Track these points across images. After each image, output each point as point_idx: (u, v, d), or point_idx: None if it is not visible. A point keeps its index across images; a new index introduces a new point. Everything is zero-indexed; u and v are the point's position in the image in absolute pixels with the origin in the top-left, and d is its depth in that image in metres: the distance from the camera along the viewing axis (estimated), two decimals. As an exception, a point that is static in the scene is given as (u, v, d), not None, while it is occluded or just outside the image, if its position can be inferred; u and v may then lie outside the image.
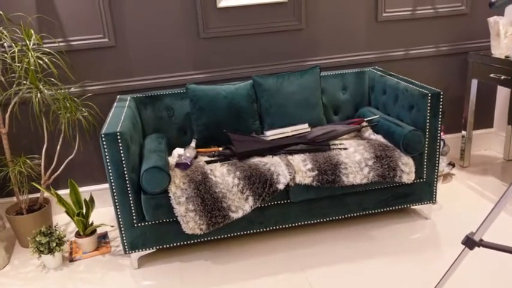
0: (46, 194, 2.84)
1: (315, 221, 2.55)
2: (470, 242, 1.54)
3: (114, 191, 2.27)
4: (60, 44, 2.77)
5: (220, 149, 2.65)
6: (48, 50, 2.70)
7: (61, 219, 3.02)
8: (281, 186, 2.35)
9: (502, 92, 3.49)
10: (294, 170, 2.38)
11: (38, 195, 2.91)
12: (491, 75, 2.96)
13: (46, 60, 2.53)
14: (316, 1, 3.01)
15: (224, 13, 2.91)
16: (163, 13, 2.85)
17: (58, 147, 2.74)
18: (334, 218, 2.56)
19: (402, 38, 3.22)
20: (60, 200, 2.55)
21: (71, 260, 2.55)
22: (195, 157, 2.58)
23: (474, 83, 3.19)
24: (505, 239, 2.46)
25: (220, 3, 2.87)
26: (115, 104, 2.69)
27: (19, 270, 2.51)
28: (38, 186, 2.62)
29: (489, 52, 3.07)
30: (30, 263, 2.57)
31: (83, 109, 2.83)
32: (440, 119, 2.50)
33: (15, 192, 2.68)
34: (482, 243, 1.53)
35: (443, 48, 3.30)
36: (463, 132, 3.33)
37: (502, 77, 2.86)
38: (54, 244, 2.43)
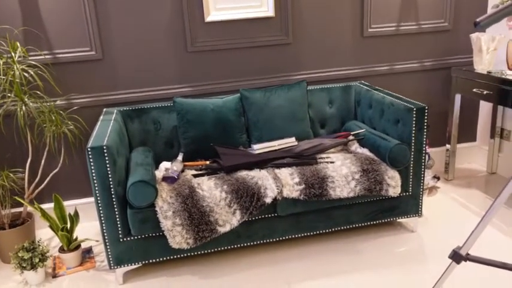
0: (29, 209, 2.79)
1: (302, 235, 2.55)
2: (457, 256, 1.55)
3: (99, 204, 2.24)
4: (46, 56, 2.75)
5: (208, 162, 2.64)
6: (34, 62, 2.67)
7: (44, 234, 2.96)
8: (268, 200, 2.35)
9: (484, 107, 3.56)
10: (281, 183, 2.38)
11: (21, 209, 2.85)
12: (474, 90, 3.02)
13: (32, 72, 2.51)
14: (303, 16, 3.05)
15: (212, 27, 2.93)
16: (151, 27, 2.85)
17: (43, 160, 2.70)
18: (321, 231, 2.57)
19: (387, 53, 3.28)
20: (44, 214, 2.50)
21: (54, 276, 2.50)
22: (182, 171, 2.57)
23: (458, 97, 3.25)
24: (491, 253, 2.48)
25: (208, 17, 2.89)
26: (101, 117, 2.67)
27: (0, 286, 2.44)
28: (21, 201, 2.57)
29: (472, 67, 3.14)
30: (12, 279, 2.51)
31: (69, 122, 2.80)
32: (425, 133, 2.54)
33: (-3, 207, 2.63)
34: (469, 258, 1.54)
35: (427, 64, 3.36)
36: (447, 146, 3.38)
37: (485, 92, 2.92)
38: (37, 260, 2.38)
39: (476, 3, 3.32)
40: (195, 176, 2.49)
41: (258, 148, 2.68)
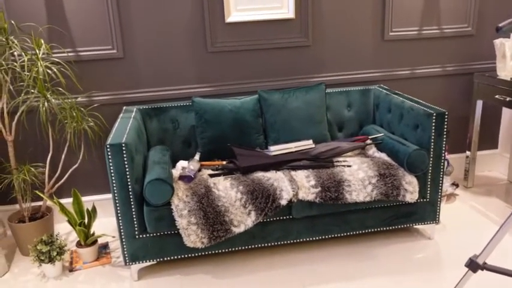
0: (49, 203, 2.84)
1: (317, 238, 2.54)
2: (473, 265, 1.53)
3: (116, 201, 2.27)
4: (69, 54, 2.81)
5: (224, 162, 2.65)
6: (57, 59, 2.73)
7: (62, 228, 3.02)
8: (284, 202, 2.35)
9: (507, 114, 3.49)
10: (297, 186, 2.38)
11: (40, 203, 2.91)
12: (497, 96, 2.96)
13: (55, 69, 2.56)
14: (323, 18, 3.04)
15: (232, 28, 2.94)
16: (172, 26, 2.88)
17: (63, 156, 2.75)
18: (336, 235, 2.55)
19: (408, 57, 3.24)
20: (63, 209, 2.55)
21: (71, 270, 2.54)
22: (199, 170, 2.58)
23: (479, 103, 3.20)
24: (508, 262, 2.43)
25: (229, 18, 2.90)
26: (121, 114, 2.71)
27: (18, 278, 2.50)
28: (41, 195, 2.62)
29: (495, 73, 3.08)
30: (30, 271, 2.56)
31: (89, 119, 2.85)
32: (445, 139, 2.50)
33: (18, 200, 2.68)
34: (485, 267, 1.51)
35: (449, 69, 3.31)
36: (467, 153, 3.32)
37: (507, 99, 2.87)
38: (55, 253, 2.42)
39: (500, 8, 3.26)
40: (212, 175, 2.50)
41: (275, 150, 2.68)
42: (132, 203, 2.28)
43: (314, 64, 3.12)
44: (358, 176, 2.44)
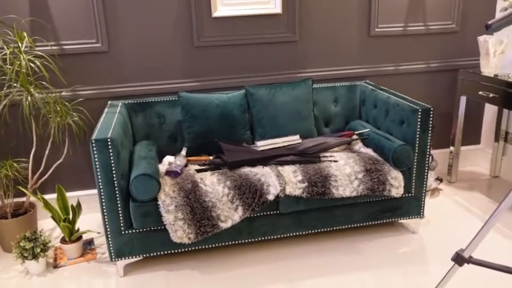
0: (32, 199, 2.79)
1: (304, 233, 2.55)
2: (459, 259, 1.55)
3: (102, 197, 2.24)
4: (53, 47, 2.76)
5: (211, 158, 2.64)
6: (40, 53, 2.68)
7: (46, 225, 2.97)
8: (271, 197, 2.35)
9: (489, 110, 3.54)
10: (284, 181, 2.38)
11: (23, 199, 2.86)
12: (480, 92, 3.01)
13: (38, 63, 2.51)
14: (310, 14, 3.05)
15: (219, 22, 2.92)
16: (158, 20, 2.85)
17: (47, 151, 2.71)
18: (322, 230, 2.57)
19: (394, 53, 3.26)
20: (47, 204, 2.51)
21: (55, 266, 2.51)
22: (186, 165, 2.57)
23: (463, 99, 3.24)
24: (493, 256, 2.48)
25: (216, 12, 2.88)
26: (106, 109, 2.68)
27: (1, 275, 2.46)
28: (24, 190, 2.58)
29: (478, 70, 3.13)
30: (13, 268, 2.52)
31: (74, 113, 2.80)
32: (430, 135, 2.53)
33: (0, 196, 2.63)
34: (471, 260, 1.54)
35: (433, 65, 3.35)
36: (451, 148, 3.37)
37: (491, 95, 2.91)
38: (39, 250, 2.39)
39: (484, 6, 3.31)
40: (198, 171, 2.49)
41: (262, 145, 2.68)
42: (118, 198, 2.25)
43: (301, 59, 3.13)
44: (345, 171, 2.46)
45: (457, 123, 3.30)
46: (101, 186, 2.22)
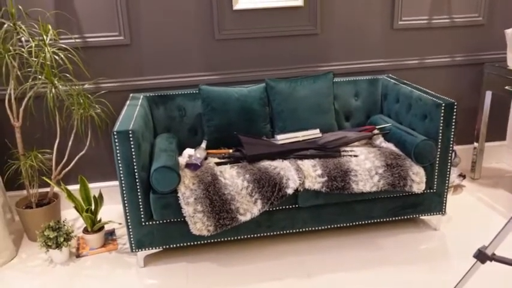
0: (56, 189, 2.85)
1: (323, 227, 2.54)
2: (482, 256, 1.52)
3: (123, 188, 2.27)
4: (77, 40, 2.80)
5: (231, 151, 2.65)
6: (64, 45, 2.72)
7: (69, 215, 3.04)
8: (290, 191, 2.34)
9: (516, 105, 3.46)
10: (303, 175, 2.37)
11: (47, 189, 2.92)
12: (506, 87, 2.93)
13: (62, 55, 2.55)
14: (332, 7, 3.01)
15: (240, 15, 2.92)
16: (179, 14, 2.86)
17: (70, 142, 2.76)
18: (342, 225, 2.55)
19: (417, 47, 3.20)
20: (70, 195, 2.56)
21: (78, 256, 2.56)
22: (205, 158, 2.58)
23: (488, 94, 3.16)
24: (515, 253, 2.43)
25: (237, 5, 2.88)
26: (128, 102, 2.71)
27: (26, 263, 2.52)
28: (49, 181, 2.63)
29: (505, 64, 3.04)
30: (37, 256, 2.58)
31: (96, 106, 2.84)
32: (453, 130, 2.48)
33: (25, 186, 2.70)
34: (494, 258, 1.51)
35: (458, 59, 3.27)
36: (475, 144, 3.30)
37: (518, 90, 2.83)
38: (62, 239, 2.44)
39: (513, -2, 3.22)
40: (218, 164, 2.50)
41: (282, 138, 2.67)
42: (138, 190, 2.28)
43: (322, 53, 3.10)
44: (365, 166, 2.43)
45: (481, 119, 3.23)
46: (122, 178, 2.25)
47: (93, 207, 2.61)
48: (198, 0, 2.85)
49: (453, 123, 2.47)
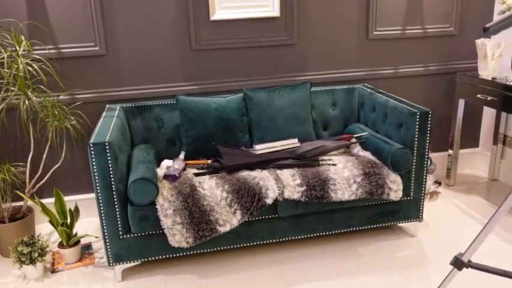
0: (30, 203, 2.78)
1: (302, 237, 2.54)
2: (458, 263, 1.54)
3: (100, 201, 2.23)
4: (51, 51, 2.75)
5: (209, 161, 2.64)
6: (38, 56, 2.67)
7: (44, 229, 2.96)
8: (269, 201, 2.34)
9: (488, 113, 3.55)
10: (282, 184, 2.37)
11: (21, 203, 2.85)
12: (478, 95, 3.01)
13: (35, 67, 2.51)
14: (308, 17, 3.05)
15: (217, 26, 2.92)
16: (156, 24, 2.85)
17: (44, 155, 2.70)
18: (321, 233, 2.56)
19: (392, 57, 3.27)
20: (44, 209, 2.50)
21: (53, 271, 2.50)
22: (184, 169, 2.56)
23: (461, 102, 3.24)
24: (492, 260, 2.47)
25: (214, 16, 2.88)
26: (104, 113, 2.67)
27: (-1, 280, 2.45)
28: (22, 195, 2.57)
29: (476, 73, 3.13)
30: (10, 273, 2.51)
31: (71, 117, 2.80)
32: (428, 138, 2.53)
33: (-2, 200, 2.63)
34: (470, 265, 1.53)
35: (431, 68, 3.35)
36: (450, 151, 3.37)
37: (489, 98, 2.91)
38: (36, 254, 2.38)
39: (482, 9, 3.31)
40: (197, 174, 2.48)
41: (260, 148, 2.68)
42: (115, 202, 2.24)
43: (299, 63, 3.12)
44: (343, 174, 2.45)
45: (455, 126, 3.30)
46: (98, 190, 2.21)
47: (68, 220, 2.55)
48: (175, 10, 2.85)
49: (428, 131, 2.52)
